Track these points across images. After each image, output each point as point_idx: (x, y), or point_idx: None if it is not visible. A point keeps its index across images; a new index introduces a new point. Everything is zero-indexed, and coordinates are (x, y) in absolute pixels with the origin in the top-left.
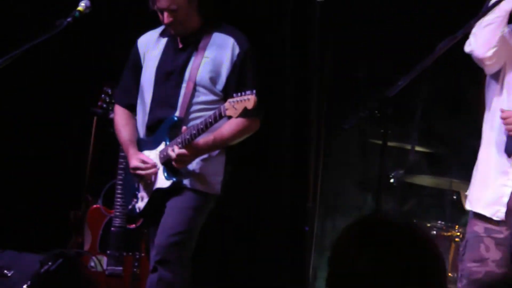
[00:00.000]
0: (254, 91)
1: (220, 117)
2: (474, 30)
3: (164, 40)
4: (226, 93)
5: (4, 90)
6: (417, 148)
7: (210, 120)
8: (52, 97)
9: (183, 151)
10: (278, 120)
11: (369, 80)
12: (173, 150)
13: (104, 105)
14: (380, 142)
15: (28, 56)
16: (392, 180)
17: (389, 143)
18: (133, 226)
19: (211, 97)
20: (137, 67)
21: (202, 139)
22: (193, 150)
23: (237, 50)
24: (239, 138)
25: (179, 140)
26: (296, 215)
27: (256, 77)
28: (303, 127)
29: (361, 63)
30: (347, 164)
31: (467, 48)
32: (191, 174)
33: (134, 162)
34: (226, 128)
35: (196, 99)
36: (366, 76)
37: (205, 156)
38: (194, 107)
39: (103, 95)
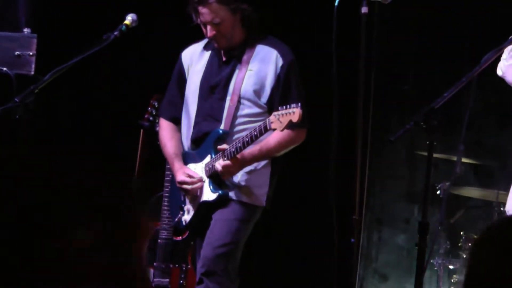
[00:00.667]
0: (300, 104)
1: (265, 130)
2: (503, 57)
3: (207, 54)
4: (271, 106)
5: (52, 103)
6: (464, 160)
7: (255, 133)
8: (100, 110)
9: (228, 162)
10: (324, 131)
11: (416, 92)
12: (219, 163)
13: (151, 118)
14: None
15: (76, 70)
16: (439, 192)
17: (436, 155)
18: (180, 238)
19: (256, 110)
20: (182, 81)
21: (248, 150)
22: (238, 161)
23: (280, 62)
24: (285, 149)
25: (224, 153)
26: (342, 227)
27: (300, 88)
28: (349, 139)
29: (407, 76)
30: (394, 176)
31: (499, 72)
32: (237, 187)
33: (180, 176)
34: (272, 139)
35: (240, 112)
36: (412, 88)
37: (250, 168)
38: (239, 120)
39: (149, 108)
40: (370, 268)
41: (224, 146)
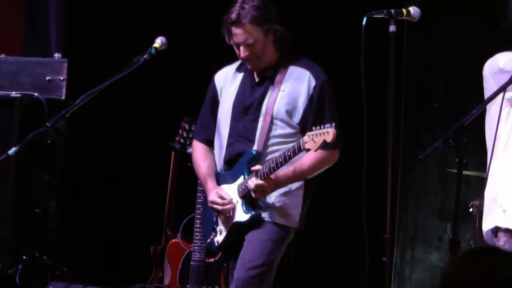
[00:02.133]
0: (334, 124)
1: (299, 150)
2: None
3: (240, 75)
4: (303, 126)
5: (84, 128)
6: None
7: (289, 153)
8: (132, 132)
9: (262, 182)
10: (355, 149)
11: (447, 110)
12: (252, 181)
13: (182, 140)
14: None
15: (107, 93)
16: (471, 210)
17: (468, 172)
18: (212, 260)
19: (288, 130)
20: (215, 103)
21: (281, 171)
22: (272, 182)
23: (313, 83)
24: (319, 169)
25: (258, 173)
26: (375, 246)
27: (333, 108)
28: (380, 157)
29: (438, 93)
30: (427, 193)
31: None
32: (270, 208)
33: (212, 196)
34: (306, 159)
35: (273, 133)
36: (443, 106)
37: (285, 189)
38: (272, 141)
39: (180, 131)
40: (404, 287)
41: (258, 167)
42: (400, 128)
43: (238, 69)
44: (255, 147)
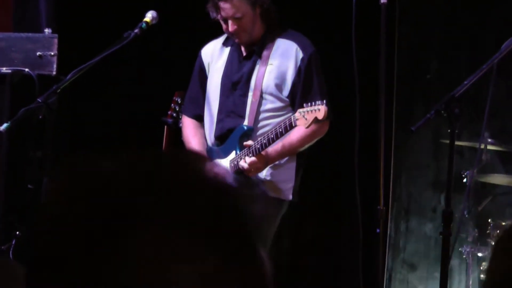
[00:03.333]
0: (325, 102)
1: (290, 127)
2: None
3: (227, 50)
4: (293, 99)
5: (74, 103)
6: (490, 147)
7: (281, 129)
8: (124, 107)
9: (254, 159)
10: (347, 121)
11: (439, 81)
12: (244, 161)
13: (174, 115)
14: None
15: (97, 68)
16: (465, 180)
17: (461, 143)
18: None
19: (278, 104)
20: (203, 78)
21: (271, 148)
22: (263, 158)
23: (301, 55)
24: (309, 142)
25: (250, 149)
26: (369, 218)
27: (322, 80)
28: (372, 129)
29: (430, 64)
30: (419, 165)
31: None
32: (263, 182)
33: None
34: (295, 134)
35: (263, 107)
36: (436, 77)
37: (275, 163)
38: (262, 115)
39: (172, 105)
40: (399, 258)
41: (250, 142)
42: (393, 99)
43: (225, 43)
44: (246, 122)
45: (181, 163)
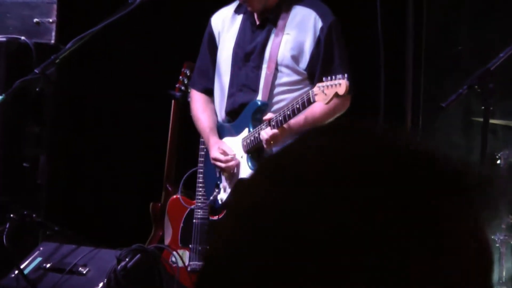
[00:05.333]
0: (346, 75)
1: (308, 103)
2: None
3: (239, 18)
4: (311, 72)
5: (75, 75)
6: None
7: (298, 105)
8: (129, 79)
9: (276, 131)
10: (370, 97)
11: (471, 53)
12: (266, 132)
13: (183, 87)
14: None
15: (100, 37)
16: (499, 162)
17: (495, 121)
18: (216, 218)
19: (295, 77)
20: (213, 48)
21: (293, 120)
22: (285, 131)
23: (320, 24)
24: (331, 117)
25: (271, 122)
26: None
27: (343, 52)
28: (398, 105)
29: (461, 35)
30: (450, 145)
31: None
32: None
33: (214, 152)
34: (317, 107)
35: (278, 81)
36: (467, 49)
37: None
38: (277, 89)
39: (181, 77)
40: None
41: (270, 115)
42: (421, 73)
43: (236, 11)
44: (259, 97)
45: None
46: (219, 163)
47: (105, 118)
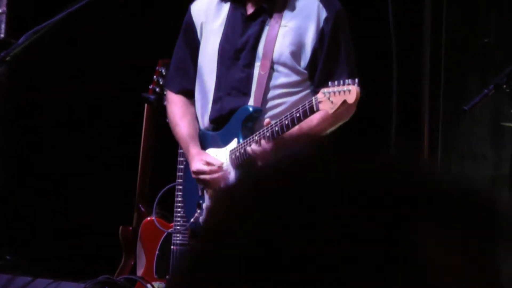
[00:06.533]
0: (357, 80)
1: (311, 112)
2: None
3: (226, 6)
4: (312, 71)
5: (31, 75)
6: None
7: (298, 114)
8: (92, 80)
9: (262, 148)
10: (380, 99)
11: (499, 47)
12: (257, 143)
13: (158, 89)
14: None
15: (58, 30)
16: None
17: None
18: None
19: (294, 78)
20: (193, 42)
21: (287, 133)
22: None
23: (324, 14)
24: (331, 127)
25: (256, 137)
26: None
27: (350, 48)
28: (413, 109)
29: (488, 25)
30: (475, 155)
31: None
32: None
33: (196, 164)
34: (316, 116)
35: (274, 82)
36: (495, 42)
37: None
38: (273, 93)
39: (155, 77)
40: None
41: (268, 120)
42: (440, 70)
43: None
44: (251, 102)
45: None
46: (202, 176)
47: (65, 125)
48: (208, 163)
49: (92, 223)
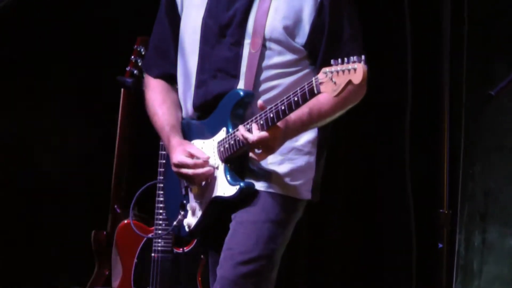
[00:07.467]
0: (364, 58)
1: (311, 95)
2: None
3: None
4: (312, 49)
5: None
6: None
7: (296, 98)
8: (62, 63)
9: (264, 134)
10: (393, 83)
11: None
12: (249, 130)
13: (136, 71)
14: None
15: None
16: None
17: None
18: (182, 250)
19: (290, 57)
20: (174, 18)
21: (294, 115)
22: (278, 131)
23: None
24: (342, 110)
25: (248, 126)
26: (425, 227)
27: (355, 22)
28: (432, 95)
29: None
30: (502, 148)
31: None
32: (269, 173)
33: (177, 155)
34: (325, 97)
35: (267, 62)
36: None
37: (287, 145)
38: (266, 74)
39: (133, 57)
40: (472, 286)
41: (261, 102)
42: (463, 53)
43: None
44: (241, 85)
45: None
46: (184, 170)
47: (30, 113)
48: (192, 155)
49: (60, 226)
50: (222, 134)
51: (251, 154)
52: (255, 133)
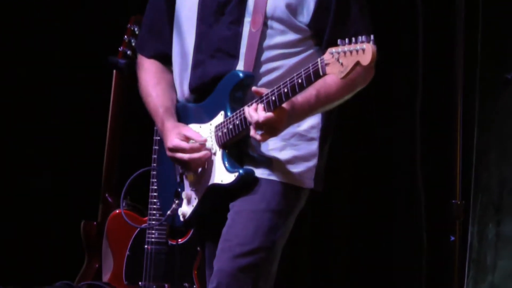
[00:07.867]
0: (372, 38)
1: (316, 77)
2: None
3: None
4: (317, 28)
5: None
6: None
7: (300, 80)
8: (51, 43)
9: (270, 115)
10: (403, 66)
11: None
12: (255, 110)
13: (129, 52)
14: None
15: None
16: None
17: None
18: (177, 242)
19: (293, 36)
20: None
21: (300, 97)
22: (283, 113)
23: None
24: (351, 92)
25: (261, 100)
26: (436, 217)
27: (363, 1)
28: (444, 79)
29: None
30: None
31: None
32: (269, 159)
33: (172, 139)
34: (333, 78)
35: (269, 42)
36: None
37: (289, 130)
38: (267, 54)
39: (126, 37)
40: (485, 282)
41: (263, 90)
42: (477, 34)
43: None
44: (241, 66)
45: None
46: (179, 155)
47: (17, 97)
48: (187, 138)
49: (48, 217)
50: (220, 118)
51: (252, 133)
52: (261, 114)
